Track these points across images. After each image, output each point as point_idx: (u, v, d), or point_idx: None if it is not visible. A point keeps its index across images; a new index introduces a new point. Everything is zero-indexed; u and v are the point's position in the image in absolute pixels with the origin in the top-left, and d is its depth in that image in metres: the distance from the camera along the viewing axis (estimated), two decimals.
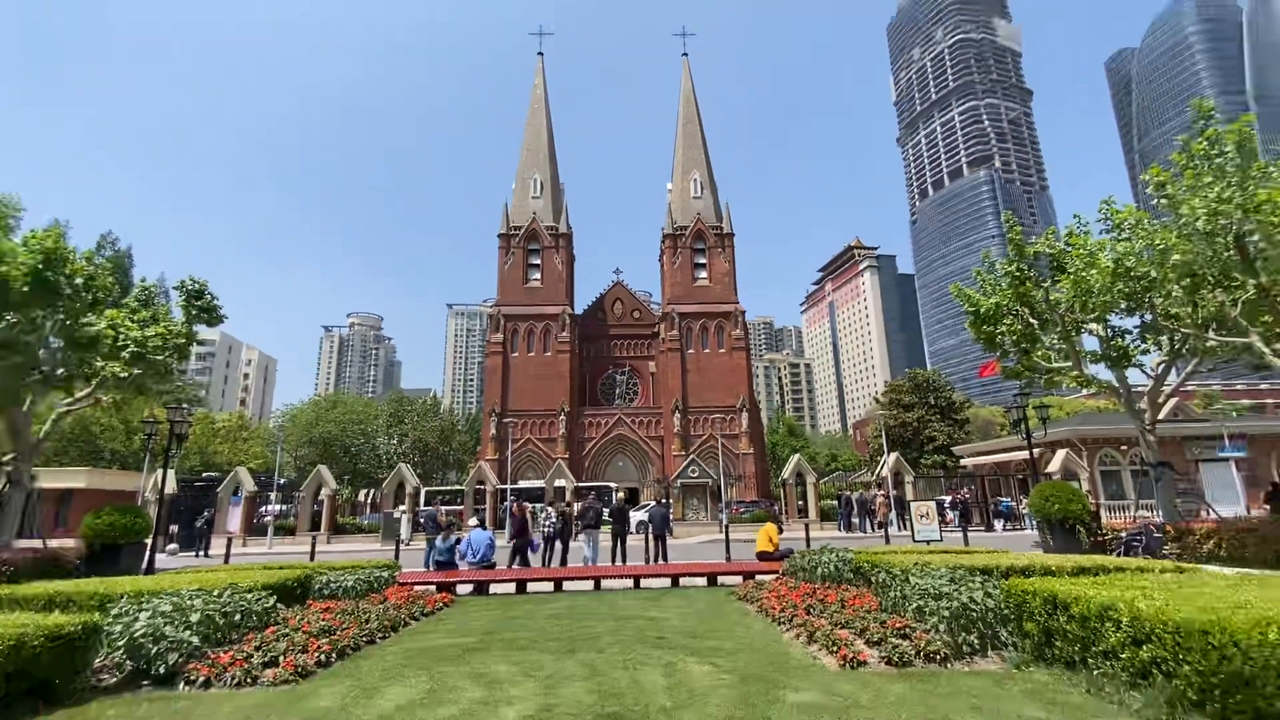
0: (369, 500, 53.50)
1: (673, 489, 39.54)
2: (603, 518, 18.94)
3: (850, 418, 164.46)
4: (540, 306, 55.73)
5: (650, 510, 18.80)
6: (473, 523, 15.73)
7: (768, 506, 39.29)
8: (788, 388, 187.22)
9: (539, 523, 20.63)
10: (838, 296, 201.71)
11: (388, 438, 64.77)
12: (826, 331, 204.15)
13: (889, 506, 30.29)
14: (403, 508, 32.25)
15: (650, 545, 17.95)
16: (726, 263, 57.72)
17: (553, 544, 17.46)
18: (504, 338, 54.72)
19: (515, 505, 18.33)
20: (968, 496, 33.42)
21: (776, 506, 39.26)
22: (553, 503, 31.01)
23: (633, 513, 28.28)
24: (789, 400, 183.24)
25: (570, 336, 55.12)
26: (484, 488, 35.55)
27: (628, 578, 13.03)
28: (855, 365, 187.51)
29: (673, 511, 33.88)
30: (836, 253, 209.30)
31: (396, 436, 64.36)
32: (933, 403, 58.07)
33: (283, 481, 38.80)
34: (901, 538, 25.07)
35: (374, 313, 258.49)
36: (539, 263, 57.62)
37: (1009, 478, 36.17)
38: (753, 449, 52.66)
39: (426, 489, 37.40)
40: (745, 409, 53.51)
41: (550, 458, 49.58)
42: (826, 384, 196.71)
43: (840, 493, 37.43)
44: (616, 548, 17.53)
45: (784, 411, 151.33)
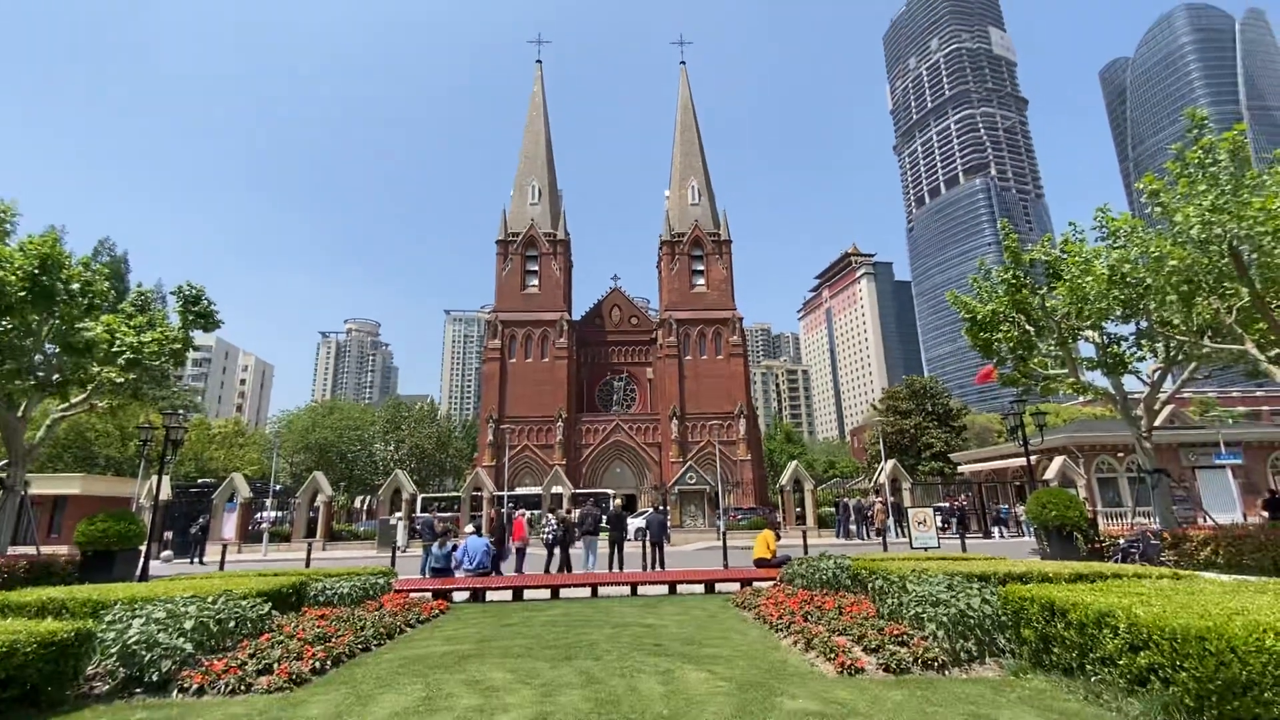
0: (365, 507, 53.29)
1: (670, 496, 39.48)
2: (600, 524, 18.89)
3: (848, 424, 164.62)
4: (538, 313, 55.77)
5: (648, 517, 18.77)
6: (469, 530, 15.65)
7: (765, 513, 39.25)
8: (785, 394, 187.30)
9: (536, 530, 20.52)
10: (835, 303, 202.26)
11: (384, 444, 64.57)
12: (824, 338, 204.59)
13: (886, 513, 30.28)
14: (399, 514, 32.13)
15: (648, 552, 17.90)
16: (724, 269, 57.88)
17: (553, 551, 17.39)
18: (501, 344, 54.71)
19: (493, 511, 18.23)
20: (965, 504, 33.42)
21: (774, 513, 39.21)
22: (553, 510, 30.92)
23: (631, 520, 28.20)
24: (786, 407, 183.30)
25: (568, 343, 55.12)
26: (481, 494, 35.45)
27: (625, 585, 12.99)
28: (852, 372, 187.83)
29: (670, 518, 33.82)
30: (833, 260, 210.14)
31: (393, 443, 64.17)
32: (930, 410, 58.19)
33: (278, 488, 38.60)
34: (899, 544, 25.05)
35: (371, 319, 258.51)
36: (537, 269, 57.70)
37: (1006, 484, 36.21)
38: (750, 456, 52.63)
39: (423, 495, 37.30)
40: (743, 416, 53.51)
41: (548, 464, 49.50)
42: (824, 391, 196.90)
43: (838, 500, 37.41)
44: (614, 555, 17.47)
45: (782, 418, 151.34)
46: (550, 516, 18.20)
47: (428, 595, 11.54)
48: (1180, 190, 13.35)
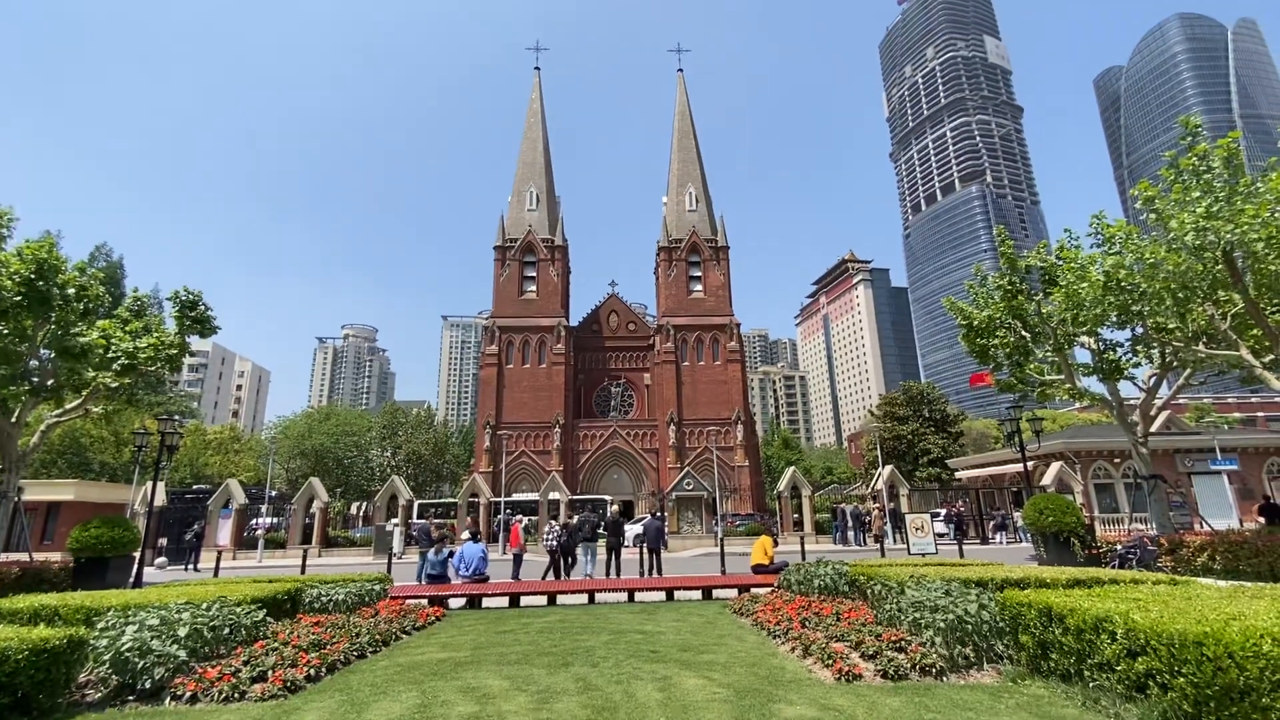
0: (361, 513, 53.07)
1: (668, 502, 39.39)
2: (598, 531, 18.85)
3: (845, 430, 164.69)
4: (535, 318, 55.78)
5: (645, 523, 18.70)
6: (465, 536, 15.59)
7: (763, 519, 39.16)
8: (783, 400, 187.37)
9: (533, 536, 20.42)
10: (832, 310, 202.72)
11: (381, 450, 64.35)
12: (821, 344, 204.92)
13: (884, 519, 30.25)
14: (395, 520, 32.01)
15: (645, 558, 17.86)
16: (721, 275, 58.01)
17: (556, 557, 17.34)
18: (499, 350, 54.69)
19: (470, 519, 18.10)
20: (962, 509, 33.41)
21: (772, 520, 39.14)
22: (554, 515, 30.83)
23: (628, 526, 28.12)
24: (784, 413, 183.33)
25: (565, 348, 55.12)
26: (478, 500, 35.33)
27: (622, 591, 12.95)
28: (850, 378, 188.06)
29: (668, 524, 33.74)
30: (830, 266, 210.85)
31: (390, 449, 63.96)
32: (927, 415, 58.21)
33: (274, 494, 38.44)
34: (897, 550, 25.02)
35: (369, 324, 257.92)
36: (534, 275, 57.77)
37: (1003, 490, 36.22)
38: (748, 462, 52.61)
39: (420, 501, 37.16)
40: (740, 421, 53.52)
41: (545, 470, 49.39)
42: (821, 397, 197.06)
43: (835, 506, 37.35)
44: (611, 561, 17.43)
45: (779, 424, 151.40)
46: (553, 522, 18.14)
47: (423, 602, 11.49)
48: (1174, 197, 13.42)
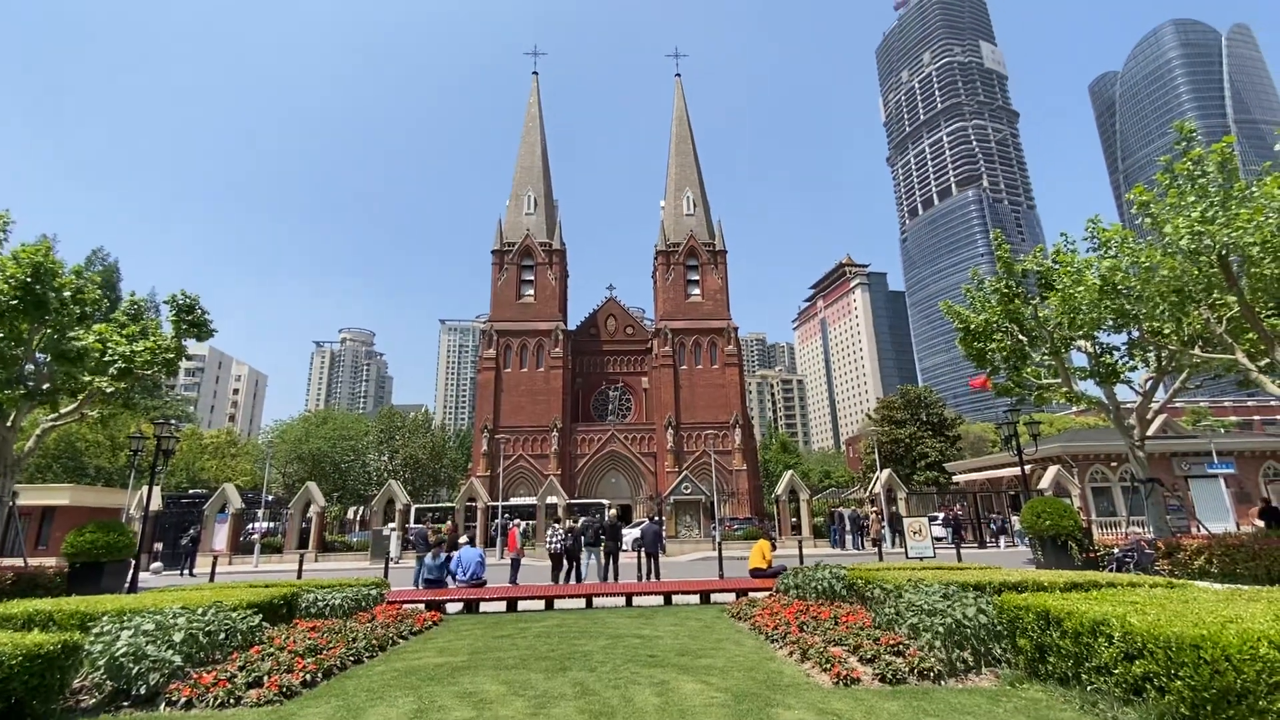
0: (358, 517, 52.91)
1: (665, 506, 39.31)
2: (600, 535, 18.82)
3: (843, 434, 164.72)
4: (533, 322, 55.75)
5: (643, 527, 18.67)
6: (462, 540, 15.56)
7: (761, 523, 39.11)
8: (780, 404, 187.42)
9: (531, 541, 20.33)
10: (829, 313, 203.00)
11: (378, 454, 64.16)
12: (819, 348, 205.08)
13: (882, 523, 30.23)
14: (392, 525, 31.90)
15: (643, 562, 17.83)
16: (719, 279, 58.08)
17: (561, 561, 17.30)
18: (496, 353, 54.63)
19: (448, 525, 18.03)
20: (960, 513, 33.40)
21: (770, 524, 39.09)
22: (558, 520, 30.73)
23: (626, 530, 28.06)
24: (782, 416, 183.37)
25: (563, 352, 55.08)
26: (475, 505, 35.23)
27: (620, 595, 12.93)
28: (847, 382, 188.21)
29: (665, 528, 33.68)
30: (828, 270, 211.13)
31: (387, 453, 63.78)
32: (925, 419, 58.24)
33: (270, 498, 38.30)
34: (895, 554, 25.01)
35: (366, 328, 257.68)
36: (532, 279, 57.76)
37: (1001, 494, 36.23)
38: (746, 465, 52.57)
39: (417, 506, 37.04)
40: (738, 425, 53.51)
41: (542, 474, 49.28)
42: (819, 400, 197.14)
43: (832, 509, 37.32)
44: (609, 565, 17.40)
45: (777, 428, 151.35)
46: (557, 526, 18.09)
47: (420, 606, 11.45)
48: (1170, 201, 13.49)
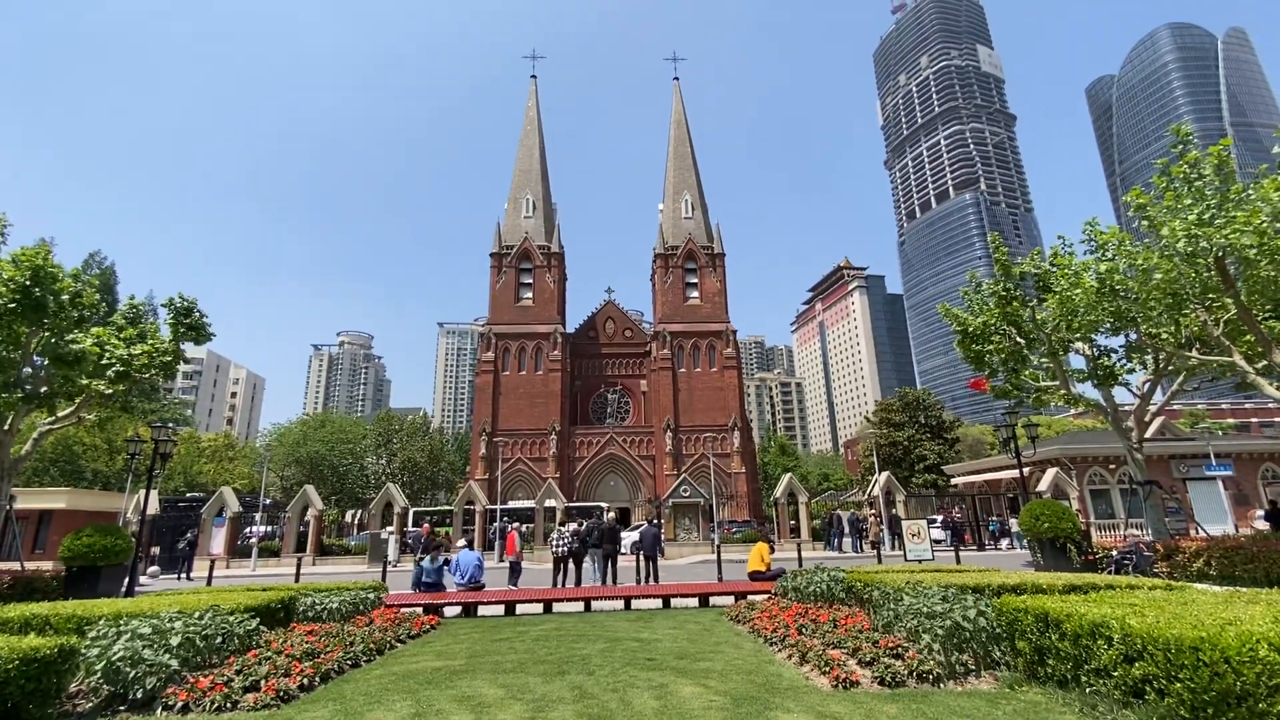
0: (356, 521, 52.81)
1: (664, 509, 39.28)
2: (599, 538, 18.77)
3: (841, 437, 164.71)
4: (532, 325, 55.75)
5: (642, 530, 18.64)
6: (461, 543, 15.52)
7: (759, 526, 39.09)
8: (779, 407, 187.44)
9: (530, 544, 20.24)
10: (828, 316, 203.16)
11: (376, 457, 64.11)
12: (817, 351, 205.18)
13: (881, 525, 30.21)
14: (390, 528, 31.83)
15: (641, 566, 17.79)
16: (717, 282, 58.14)
17: (566, 564, 17.26)
18: (495, 356, 54.59)
19: (425, 526, 18.07)
20: (959, 516, 33.39)
21: (768, 526, 39.06)
22: (563, 522, 30.64)
23: (625, 533, 28.02)
24: (780, 419, 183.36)
25: (562, 355, 55.06)
26: (473, 508, 35.18)
27: (618, 599, 12.90)
28: (846, 384, 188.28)
29: (664, 531, 33.63)
30: (826, 273, 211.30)
31: (385, 456, 63.73)
32: (923, 422, 58.29)
33: (268, 502, 38.20)
34: (894, 557, 25.00)
35: (364, 331, 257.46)
36: (531, 282, 57.78)
37: (999, 496, 36.24)
38: (744, 468, 52.53)
39: (415, 509, 37.00)
40: (737, 428, 53.50)
41: (541, 477, 49.23)
42: (818, 403, 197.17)
43: (831, 512, 37.29)
44: (607, 569, 17.37)
45: (775, 431, 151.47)
46: (564, 529, 18.05)
47: (418, 610, 11.42)
48: (1166, 204, 13.54)
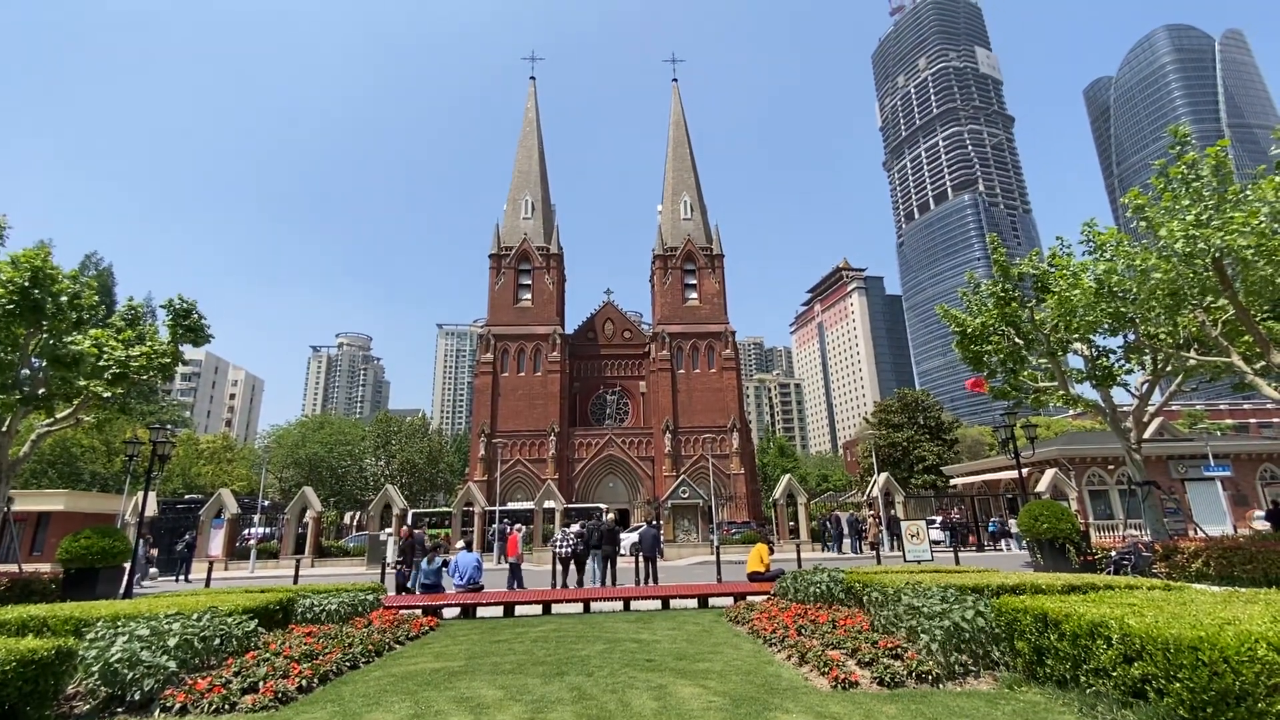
0: (355, 523, 52.72)
1: (663, 510, 39.25)
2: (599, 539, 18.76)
3: (840, 438, 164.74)
4: (531, 326, 55.74)
5: (641, 532, 18.63)
6: (459, 545, 15.52)
7: (759, 527, 39.06)
8: (778, 408, 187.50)
9: (529, 546, 20.17)
10: (826, 317, 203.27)
11: (375, 459, 64.03)
12: (816, 352, 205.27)
13: (880, 526, 30.20)
14: (388, 530, 31.77)
15: (641, 566, 17.78)
16: (716, 283, 58.16)
17: (568, 565, 17.25)
18: (494, 358, 54.57)
19: (404, 529, 17.78)
20: (958, 517, 33.39)
21: (767, 527, 39.05)
22: (566, 524, 30.62)
23: (624, 534, 28.00)
24: (779, 420, 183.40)
25: (560, 356, 55.05)
26: (472, 509, 35.15)
27: (618, 600, 12.88)
28: (845, 385, 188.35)
29: (663, 533, 33.62)
30: (825, 274, 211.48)
31: (384, 458, 63.66)
32: (922, 423, 58.28)
33: (267, 504, 38.14)
34: (893, 558, 25.00)
35: (363, 333, 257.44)
36: (530, 283, 57.78)
37: (998, 497, 36.25)
38: (744, 469, 52.52)
39: (414, 511, 36.95)
40: (736, 429, 53.50)
41: (540, 479, 49.19)
42: (817, 404, 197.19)
43: (830, 513, 37.27)
44: (606, 570, 17.36)
45: (774, 432, 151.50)
46: (565, 530, 18.03)
47: (417, 611, 11.40)
48: (1164, 205, 13.55)
